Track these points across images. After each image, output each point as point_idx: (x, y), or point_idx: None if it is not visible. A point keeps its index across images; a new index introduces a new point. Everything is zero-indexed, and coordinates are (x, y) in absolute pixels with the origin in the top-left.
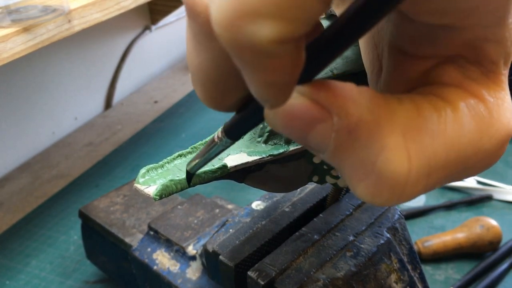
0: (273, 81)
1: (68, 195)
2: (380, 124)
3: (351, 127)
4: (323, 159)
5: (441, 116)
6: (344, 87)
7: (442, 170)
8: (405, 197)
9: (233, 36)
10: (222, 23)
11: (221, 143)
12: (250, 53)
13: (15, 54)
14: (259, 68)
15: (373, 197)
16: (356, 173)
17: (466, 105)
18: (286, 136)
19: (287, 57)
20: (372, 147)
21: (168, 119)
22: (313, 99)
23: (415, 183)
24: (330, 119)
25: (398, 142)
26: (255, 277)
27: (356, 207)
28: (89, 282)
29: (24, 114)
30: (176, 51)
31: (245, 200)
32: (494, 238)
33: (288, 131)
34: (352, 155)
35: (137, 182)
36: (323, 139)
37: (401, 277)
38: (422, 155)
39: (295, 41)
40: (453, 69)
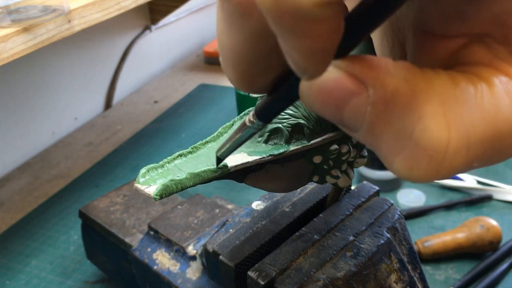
0: (314, 48)
1: (68, 195)
2: (417, 94)
3: (387, 98)
4: (357, 137)
5: (478, 90)
6: (379, 60)
7: (481, 145)
8: (444, 171)
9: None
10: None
11: (252, 126)
12: (293, 18)
13: (15, 54)
14: (301, 33)
15: (411, 171)
16: (392, 147)
17: (500, 81)
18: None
19: (329, 22)
20: (409, 117)
21: (168, 119)
22: (348, 72)
23: (455, 155)
24: (366, 91)
25: (436, 111)
26: (255, 277)
27: (356, 207)
28: (89, 282)
29: (24, 114)
30: (176, 51)
31: (245, 200)
32: (494, 238)
33: (323, 108)
34: (388, 129)
35: (137, 182)
36: (359, 113)
37: (401, 277)
38: (461, 126)
39: (337, 5)
40: (481, 48)
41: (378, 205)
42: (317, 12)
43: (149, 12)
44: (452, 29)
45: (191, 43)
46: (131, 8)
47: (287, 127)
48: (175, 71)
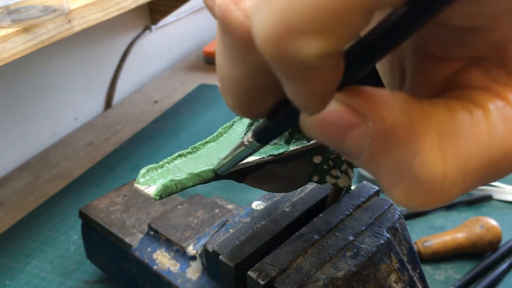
0: (315, 92)
1: (68, 195)
2: (415, 127)
3: (386, 131)
4: (359, 165)
5: (474, 119)
6: (378, 92)
7: (476, 173)
8: (441, 200)
9: (278, 52)
10: (267, 40)
11: (250, 147)
12: (295, 67)
13: (15, 54)
14: (303, 80)
15: (409, 201)
16: (391, 177)
17: (495, 107)
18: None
19: (330, 69)
20: (408, 151)
21: (168, 119)
22: (348, 105)
23: (451, 186)
24: (365, 124)
25: (433, 145)
26: (255, 277)
27: (356, 207)
28: (89, 282)
29: (24, 114)
30: (176, 51)
31: (245, 200)
32: (494, 238)
33: (324, 138)
34: (388, 160)
35: (137, 182)
36: (359, 144)
37: (401, 277)
38: (458, 158)
39: (338, 54)
40: (478, 71)
41: (378, 205)
42: (317, 63)
43: (149, 12)
44: (450, 53)
45: (191, 43)
46: (131, 8)
47: None
48: (175, 71)
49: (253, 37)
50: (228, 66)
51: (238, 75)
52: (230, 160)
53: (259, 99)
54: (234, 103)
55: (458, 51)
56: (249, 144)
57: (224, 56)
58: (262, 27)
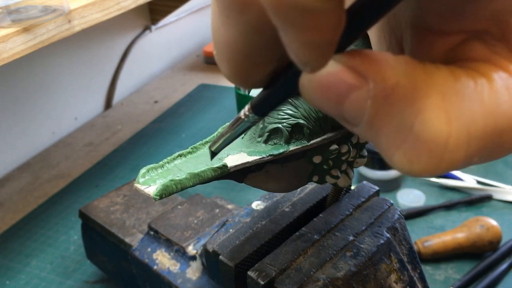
0: (316, 41)
1: (68, 195)
2: (418, 87)
3: (387, 92)
4: (358, 132)
5: (478, 84)
6: (380, 54)
7: (481, 140)
8: (444, 165)
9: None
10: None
11: (247, 120)
12: (294, 11)
13: (15, 54)
14: (303, 26)
15: (411, 164)
16: (392, 141)
17: (499, 77)
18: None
19: (331, 14)
20: (410, 111)
21: (168, 119)
22: (348, 65)
23: (455, 149)
24: (366, 85)
25: (436, 104)
26: (255, 277)
27: (356, 207)
28: (89, 282)
29: (24, 114)
30: (176, 51)
31: (245, 200)
32: (494, 238)
33: (324, 102)
34: (389, 122)
35: (137, 182)
36: (359, 107)
37: (401, 277)
38: (461, 119)
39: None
40: (480, 45)
41: (378, 205)
42: (318, 5)
43: (149, 12)
44: (450, 26)
45: (191, 43)
46: (131, 8)
47: (286, 127)
48: (175, 71)
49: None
50: (223, 29)
51: (234, 37)
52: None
53: (256, 65)
54: (229, 70)
55: (459, 23)
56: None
57: (219, 18)
58: None
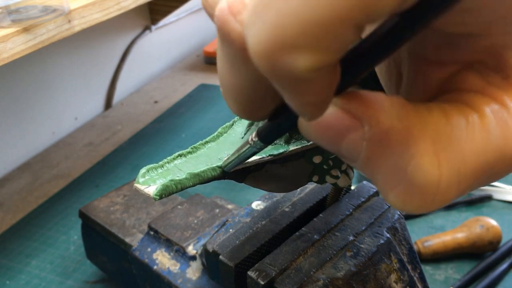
0: (311, 101)
1: (68, 195)
2: (410, 132)
3: (382, 136)
4: (356, 168)
5: (469, 123)
6: (375, 97)
7: (471, 177)
8: (436, 204)
9: (271, 65)
10: (260, 54)
11: (254, 146)
12: (289, 80)
13: (15, 54)
14: (297, 92)
15: (405, 204)
16: (387, 181)
17: (491, 111)
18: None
19: (323, 80)
20: (403, 155)
21: (168, 119)
22: (344, 109)
23: (446, 191)
24: (361, 128)
25: (428, 149)
26: (255, 277)
27: (356, 207)
28: (89, 282)
29: (24, 114)
30: (176, 51)
31: (245, 200)
32: (494, 238)
33: (321, 141)
34: (384, 163)
35: (137, 182)
36: (355, 147)
37: (401, 277)
38: (452, 163)
39: (330, 65)
40: (474, 75)
41: (378, 205)
42: (310, 76)
43: (149, 12)
44: (445, 57)
45: (191, 43)
46: (131, 8)
47: None
48: (175, 71)
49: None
50: (228, 74)
51: (239, 82)
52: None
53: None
54: (236, 108)
55: (454, 55)
56: (253, 143)
57: (224, 64)
58: (255, 41)
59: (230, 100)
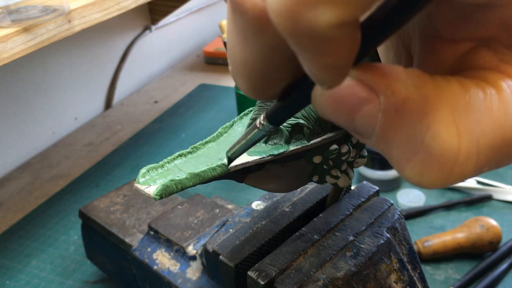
0: (332, 63)
1: (68, 195)
2: (428, 101)
3: (398, 106)
4: (370, 144)
5: (487, 95)
6: (390, 68)
7: (490, 151)
8: (454, 177)
9: (293, 24)
10: (282, 12)
11: (262, 129)
12: (310, 39)
13: (15, 54)
14: (319, 52)
15: (422, 177)
16: (403, 153)
17: (507, 85)
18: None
19: (346, 39)
20: (420, 124)
21: (168, 119)
22: (359, 80)
23: (465, 162)
24: (377, 99)
25: (446, 118)
26: (255, 277)
27: (356, 207)
28: (89, 282)
29: (24, 114)
30: (176, 51)
31: (245, 200)
32: (494, 238)
33: (336, 115)
34: (399, 135)
35: (137, 182)
36: (370, 120)
37: (401, 277)
38: (471, 132)
39: (353, 23)
40: (488, 52)
41: (378, 205)
42: (333, 33)
43: (149, 12)
44: (459, 33)
45: (191, 43)
46: (131, 8)
47: (287, 127)
48: (175, 71)
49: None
50: (240, 48)
51: (251, 56)
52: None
53: (271, 81)
54: (246, 86)
55: (467, 31)
56: (261, 126)
57: (236, 38)
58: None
59: (240, 78)
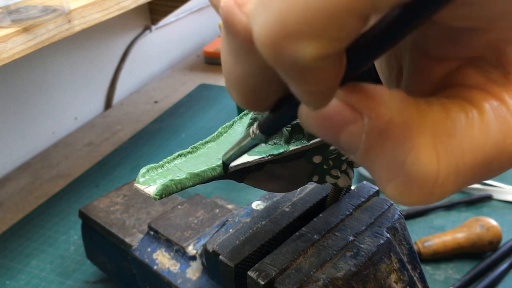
0: (317, 90)
1: (68, 195)
2: (410, 125)
3: (381, 128)
4: (354, 160)
5: (469, 118)
6: (375, 89)
7: (469, 172)
8: (434, 198)
9: (276, 54)
10: (265, 43)
11: (255, 138)
12: (294, 68)
13: (15, 54)
14: (303, 80)
15: (402, 197)
16: (385, 173)
17: (490, 107)
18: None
19: (329, 69)
20: (402, 148)
21: (168, 119)
22: (345, 101)
23: (444, 184)
24: (361, 120)
25: (427, 143)
26: (255, 277)
27: (356, 207)
28: (89, 282)
29: (24, 114)
30: (176, 51)
31: (245, 200)
32: (494, 238)
33: (321, 132)
34: (382, 156)
35: (137, 182)
36: (354, 139)
37: (401, 277)
38: (451, 156)
39: (337, 54)
40: (475, 71)
41: (378, 205)
42: (315, 65)
43: (149, 12)
44: (447, 52)
45: (191, 43)
46: (131, 8)
47: (286, 127)
48: (175, 71)
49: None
50: (233, 65)
51: (243, 73)
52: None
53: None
54: (239, 99)
55: (455, 50)
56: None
57: (229, 55)
58: (260, 31)
59: (234, 92)
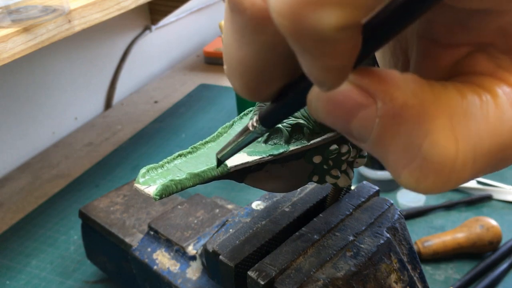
0: (333, 65)
1: (68, 195)
2: (425, 108)
3: (395, 112)
4: (365, 148)
5: (483, 102)
6: (388, 73)
7: (487, 157)
8: (451, 183)
9: (296, 25)
10: (285, 12)
11: (255, 131)
12: (313, 40)
13: (15, 54)
14: (321, 54)
15: (418, 183)
16: (400, 159)
17: (503, 92)
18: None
19: (349, 42)
20: (418, 131)
21: (168, 119)
22: (357, 84)
23: (462, 168)
24: (374, 104)
25: (444, 125)
26: (255, 277)
27: (356, 207)
28: (89, 282)
29: (24, 114)
30: (176, 51)
31: (245, 200)
32: (494, 238)
33: (331, 118)
34: (396, 141)
35: (137, 182)
36: (366, 125)
37: (401, 277)
38: (469, 139)
39: (357, 26)
40: (484, 58)
41: (378, 205)
42: (336, 36)
43: (149, 12)
44: (456, 38)
45: (191, 43)
46: (131, 8)
47: (286, 127)
48: (175, 71)
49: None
50: (236, 47)
51: (247, 55)
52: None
53: (267, 81)
54: (240, 85)
55: (464, 36)
56: (253, 128)
57: (233, 37)
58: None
59: (235, 77)
